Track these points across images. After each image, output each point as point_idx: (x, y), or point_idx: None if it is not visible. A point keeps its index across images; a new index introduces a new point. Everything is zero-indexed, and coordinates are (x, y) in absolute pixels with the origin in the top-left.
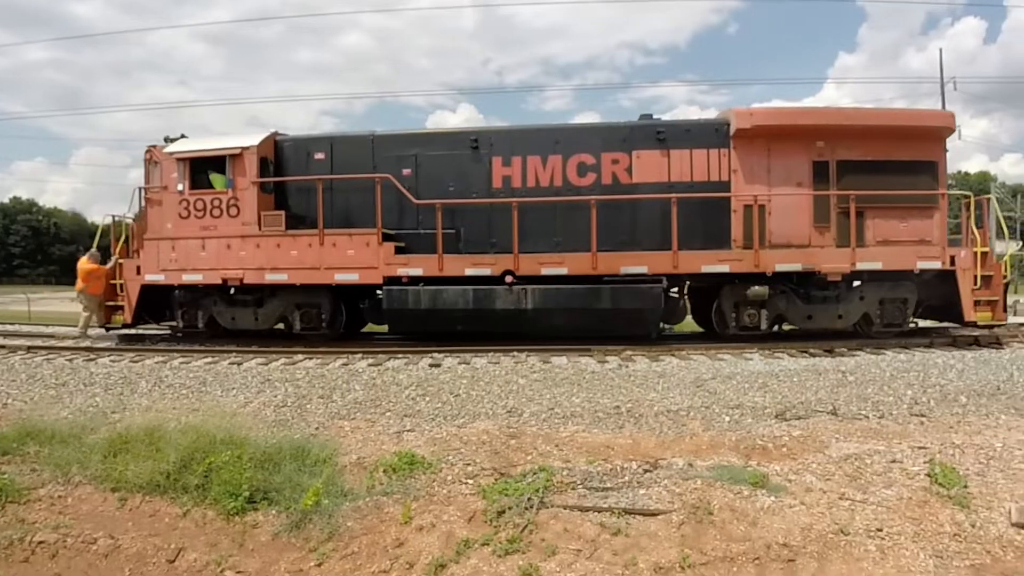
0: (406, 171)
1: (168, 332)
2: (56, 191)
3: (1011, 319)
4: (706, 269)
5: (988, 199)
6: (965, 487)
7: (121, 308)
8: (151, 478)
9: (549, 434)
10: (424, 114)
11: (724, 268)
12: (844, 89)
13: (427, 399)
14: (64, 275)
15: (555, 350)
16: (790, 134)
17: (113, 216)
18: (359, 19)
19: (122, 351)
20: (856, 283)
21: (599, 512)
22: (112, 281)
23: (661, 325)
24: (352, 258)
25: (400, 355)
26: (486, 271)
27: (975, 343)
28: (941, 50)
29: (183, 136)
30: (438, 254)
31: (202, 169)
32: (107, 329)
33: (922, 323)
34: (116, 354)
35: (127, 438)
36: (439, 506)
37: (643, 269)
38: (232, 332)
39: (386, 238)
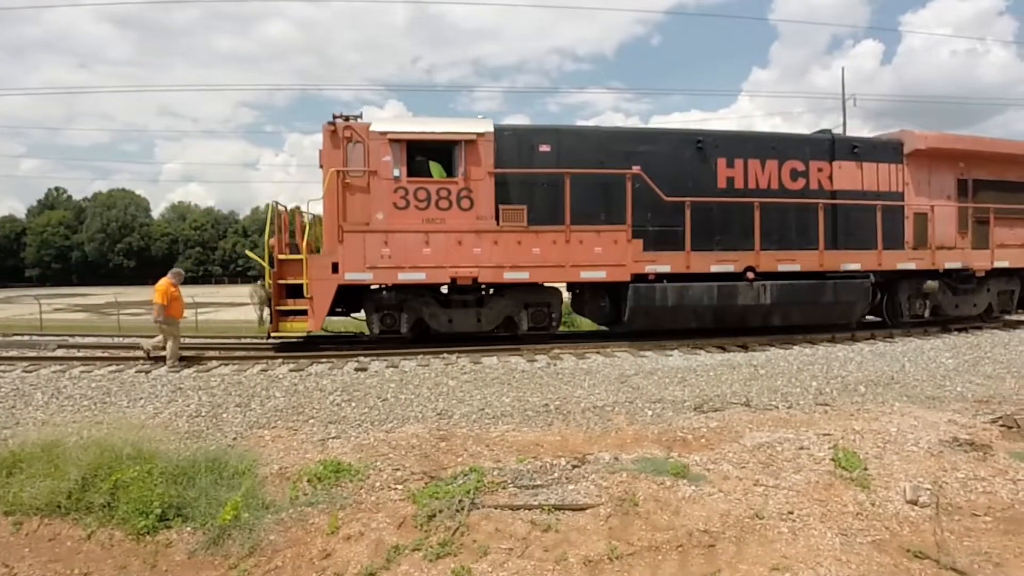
0: (635, 168)
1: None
2: None
3: None
4: (900, 266)
5: None
6: (865, 469)
7: (297, 313)
8: (50, 499)
9: (480, 435)
10: (350, 109)
11: (912, 265)
12: (757, 102)
13: (353, 404)
14: None
15: (485, 350)
16: (944, 156)
17: (276, 203)
18: (283, 8)
19: (13, 360)
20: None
21: (530, 510)
22: (281, 281)
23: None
24: (599, 255)
25: (323, 359)
26: (729, 267)
27: (871, 338)
28: (844, 69)
29: (360, 115)
30: (686, 251)
31: (422, 153)
32: (268, 337)
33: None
34: (7, 363)
35: (21, 456)
36: (367, 514)
37: (857, 266)
38: (430, 336)
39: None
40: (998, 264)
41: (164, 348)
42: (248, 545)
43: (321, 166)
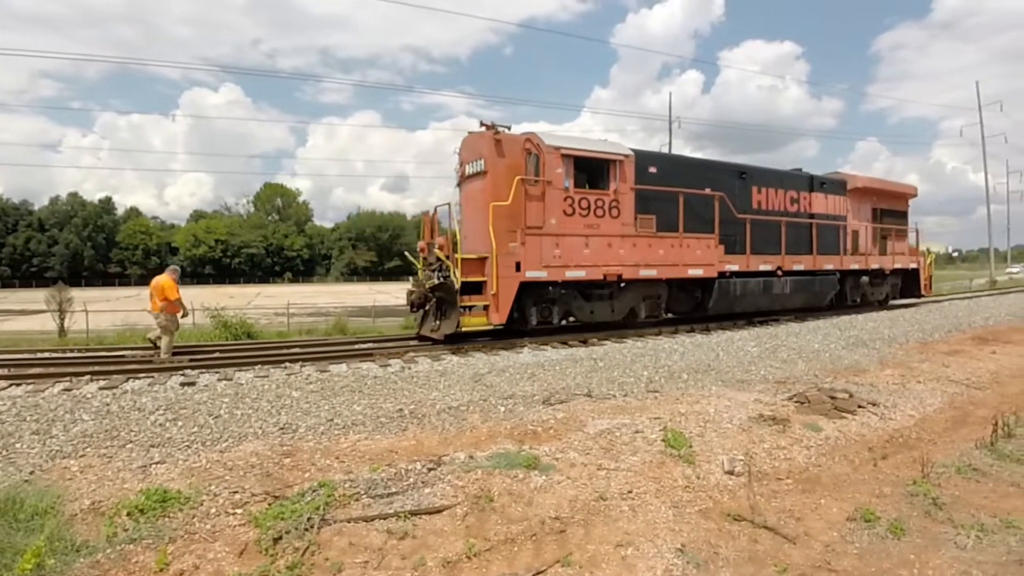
0: (706, 189)
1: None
2: None
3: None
4: (852, 267)
5: (918, 230)
6: (690, 447)
7: (475, 308)
8: None
9: (329, 447)
10: (178, 89)
11: (857, 266)
12: (597, 118)
13: (180, 424)
14: None
15: (334, 357)
16: (867, 192)
17: (435, 208)
18: None
19: None
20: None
21: (385, 519)
22: (468, 279)
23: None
24: (699, 257)
25: (142, 375)
26: (770, 267)
27: (691, 331)
28: (671, 94)
29: (509, 127)
30: (747, 254)
31: (581, 168)
32: (445, 337)
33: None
34: None
35: None
36: (202, 544)
37: (831, 267)
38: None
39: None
40: (896, 266)
41: (160, 341)
42: None
43: (473, 174)
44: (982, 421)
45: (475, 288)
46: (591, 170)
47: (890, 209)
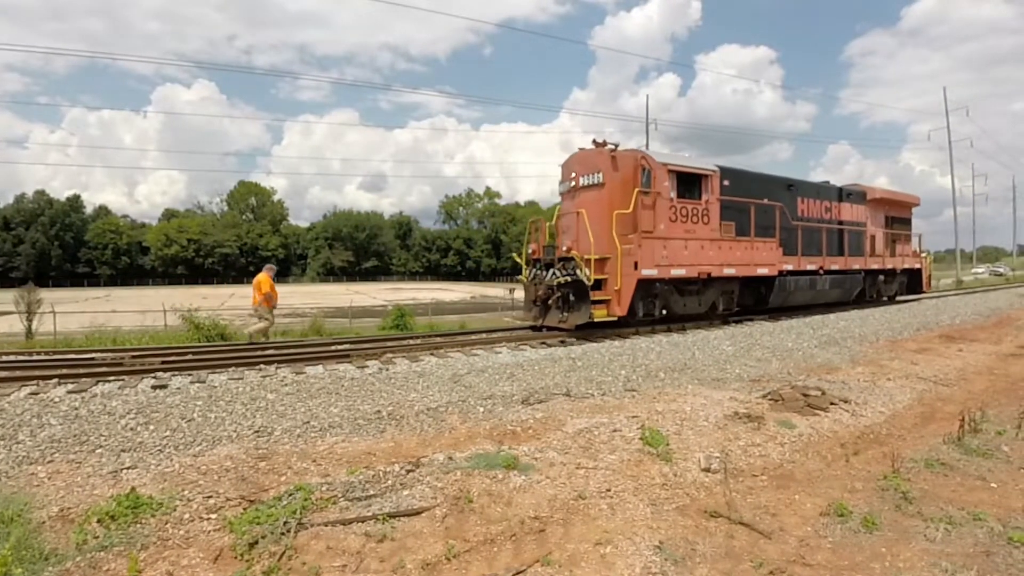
0: (765, 200)
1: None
2: None
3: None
4: (872, 267)
5: (920, 235)
6: (668, 445)
7: (602, 302)
8: None
9: (305, 450)
10: (150, 85)
11: (877, 267)
12: (576, 120)
13: (151, 428)
14: None
15: (309, 359)
16: (881, 202)
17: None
18: None
19: None
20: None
21: (363, 522)
22: (598, 276)
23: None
24: (764, 257)
25: (112, 378)
26: (814, 267)
27: (668, 331)
28: (648, 97)
29: (617, 145)
30: (799, 255)
31: (683, 181)
32: (576, 327)
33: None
34: None
35: None
36: (176, 550)
37: (857, 266)
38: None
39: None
40: (904, 266)
41: (264, 332)
42: None
43: (588, 185)
44: (949, 417)
45: (597, 285)
46: (688, 183)
47: (898, 217)
